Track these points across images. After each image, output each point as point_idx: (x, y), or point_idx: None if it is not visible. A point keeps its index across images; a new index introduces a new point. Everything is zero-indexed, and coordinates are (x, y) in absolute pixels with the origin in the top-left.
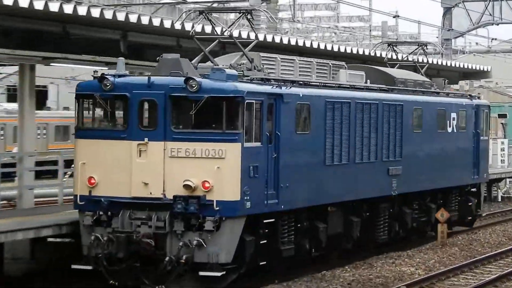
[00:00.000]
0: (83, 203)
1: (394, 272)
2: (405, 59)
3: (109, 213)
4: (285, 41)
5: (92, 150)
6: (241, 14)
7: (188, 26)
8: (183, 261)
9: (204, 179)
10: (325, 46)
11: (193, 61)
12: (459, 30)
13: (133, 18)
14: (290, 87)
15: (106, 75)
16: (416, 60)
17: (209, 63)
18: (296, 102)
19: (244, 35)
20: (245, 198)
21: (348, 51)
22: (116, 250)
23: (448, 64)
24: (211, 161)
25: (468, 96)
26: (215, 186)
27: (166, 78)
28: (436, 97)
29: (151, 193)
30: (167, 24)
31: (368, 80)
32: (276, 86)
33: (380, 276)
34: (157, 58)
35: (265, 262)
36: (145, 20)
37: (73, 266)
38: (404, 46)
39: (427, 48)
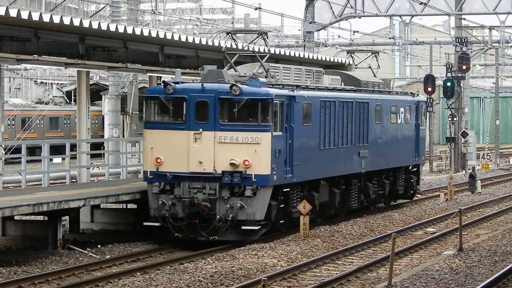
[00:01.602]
0: (151, 177)
1: (256, 264)
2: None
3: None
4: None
5: (158, 137)
6: (258, 35)
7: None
8: (229, 218)
9: (244, 158)
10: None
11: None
12: (321, 23)
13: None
14: (299, 90)
15: (168, 82)
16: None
17: (232, 71)
18: (303, 102)
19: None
20: (273, 172)
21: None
22: (179, 211)
23: (310, 57)
24: (250, 145)
25: (410, 94)
26: (252, 164)
27: (215, 84)
28: (389, 95)
29: (204, 169)
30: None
31: (343, 83)
32: (290, 90)
33: (242, 268)
34: (200, 68)
35: (283, 221)
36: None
37: (145, 223)
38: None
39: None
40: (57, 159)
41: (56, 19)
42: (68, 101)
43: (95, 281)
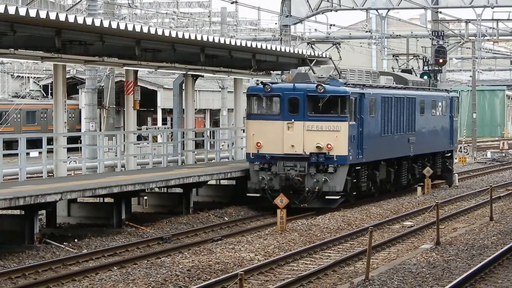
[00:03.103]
0: (253, 157)
1: (233, 258)
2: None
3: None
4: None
5: (258, 126)
6: (333, 45)
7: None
8: (316, 190)
9: (327, 142)
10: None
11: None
12: (298, 17)
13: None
14: (366, 89)
15: (266, 82)
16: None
17: (311, 72)
18: (369, 98)
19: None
20: (349, 154)
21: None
22: (275, 184)
23: (287, 50)
24: (332, 132)
25: (445, 90)
26: (334, 147)
27: (303, 84)
28: (429, 92)
29: (296, 151)
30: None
31: (394, 82)
32: (360, 88)
33: (219, 262)
34: (290, 70)
35: (355, 193)
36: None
37: (248, 194)
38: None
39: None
40: (34, 153)
41: (32, 13)
42: (45, 95)
43: (72, 276)
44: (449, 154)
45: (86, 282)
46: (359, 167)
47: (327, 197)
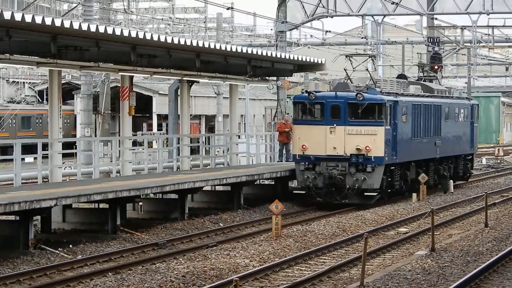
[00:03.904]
0: (299, 158)
1: (228, 264)
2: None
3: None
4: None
5: (303, 130)
6: (368, 57)
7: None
8: (355, 187)
9: (366, 145)
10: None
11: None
12: (293, 23)
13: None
14: (399, 97)
15: (311, 91)
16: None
17: (349, 82)
18: (402, 105)
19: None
20: (385, 155)
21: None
22: (319, 182)
23: (283, 56)
24: (370, 136)
25: (467, 98)
26: (372, 149)
27: (344, 92)
28: (453, 99)
29: (337, 152)
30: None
31: (422, 91)
32: (394, 96)
33: (214, 268)
34: (330, 81)
35: (389, 190)
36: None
37: (294, 191)
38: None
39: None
40: (29, 159)
41: (28, 18)
42: (40, 100)
43: (67, 281)
44: (470, 157)
45: None
46: (393, 167)
47: (365, 193)
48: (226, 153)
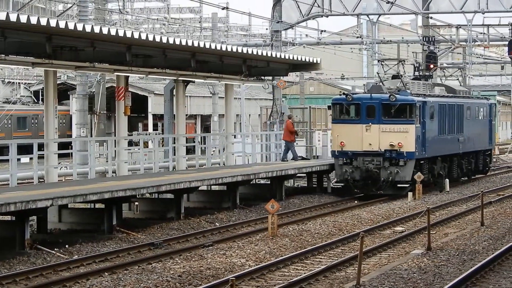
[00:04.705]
0: (337, 154)
1: (224, 263)
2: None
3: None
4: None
5: (341, 129)
6: (399, 62)
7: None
8: (389, 180)
9: (399, 141)
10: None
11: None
12: (288, 22)
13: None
14: (427, 97)
15: (348, 93)
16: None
17: (381, 84)
18: (430, 105)
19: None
20: (416, 150)
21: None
22: (356, 176)
23: (278, 56)
24: (402, 133)
25: (485, 98)
26: (404, 144)
27: (378, 94)
28: (473, 99)
29: (373, 148)
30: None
31: (445, 92)
32: (423, 97)
33: (210, 267)
34: (364, 83)
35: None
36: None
37: (333, 185)
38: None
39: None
40: (24, 159)
41: (23, 19)
42: (36, 101)
43: (63, 281)
44: (488, 152)
45: None
46: (422, 161)
47: (398, 185)
48: (222, 153)
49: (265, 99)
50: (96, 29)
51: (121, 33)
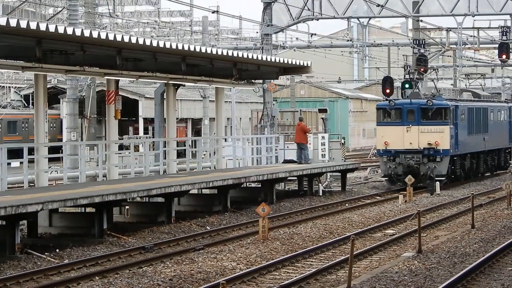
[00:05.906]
0: (382, 152)
1: (215, 267)
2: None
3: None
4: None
5: (385, 130)
6: (432, 70)
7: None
8: (427, 174)
9: (435, 140)
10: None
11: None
12: (279, 26)
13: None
14: (458, 102)
15: (390, 99)
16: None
17: (416, 90)
18: (461, 108)
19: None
20: (450, 148)
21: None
22: (399, 171)
23: (268, 59)
24: (438, 133)
25: (505, 101)
26: (440, 143)
27: (417, 99)
28: (494, 103)
29: (413, 146)
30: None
31: (472, 97)
32: (455, 101)
33: (201, 271)
34: (402, 90)
35: (453, 176)
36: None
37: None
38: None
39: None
40: (15, 163)
41: (13, 23)
42: (26, 105)
43: (54, 286)
44: (508, 150)
45: None
46: (455, 158)
47: (436, 178)
48: (213, 157)
49: (256, 102)
50: (86, 33)
51: (111, 37)
